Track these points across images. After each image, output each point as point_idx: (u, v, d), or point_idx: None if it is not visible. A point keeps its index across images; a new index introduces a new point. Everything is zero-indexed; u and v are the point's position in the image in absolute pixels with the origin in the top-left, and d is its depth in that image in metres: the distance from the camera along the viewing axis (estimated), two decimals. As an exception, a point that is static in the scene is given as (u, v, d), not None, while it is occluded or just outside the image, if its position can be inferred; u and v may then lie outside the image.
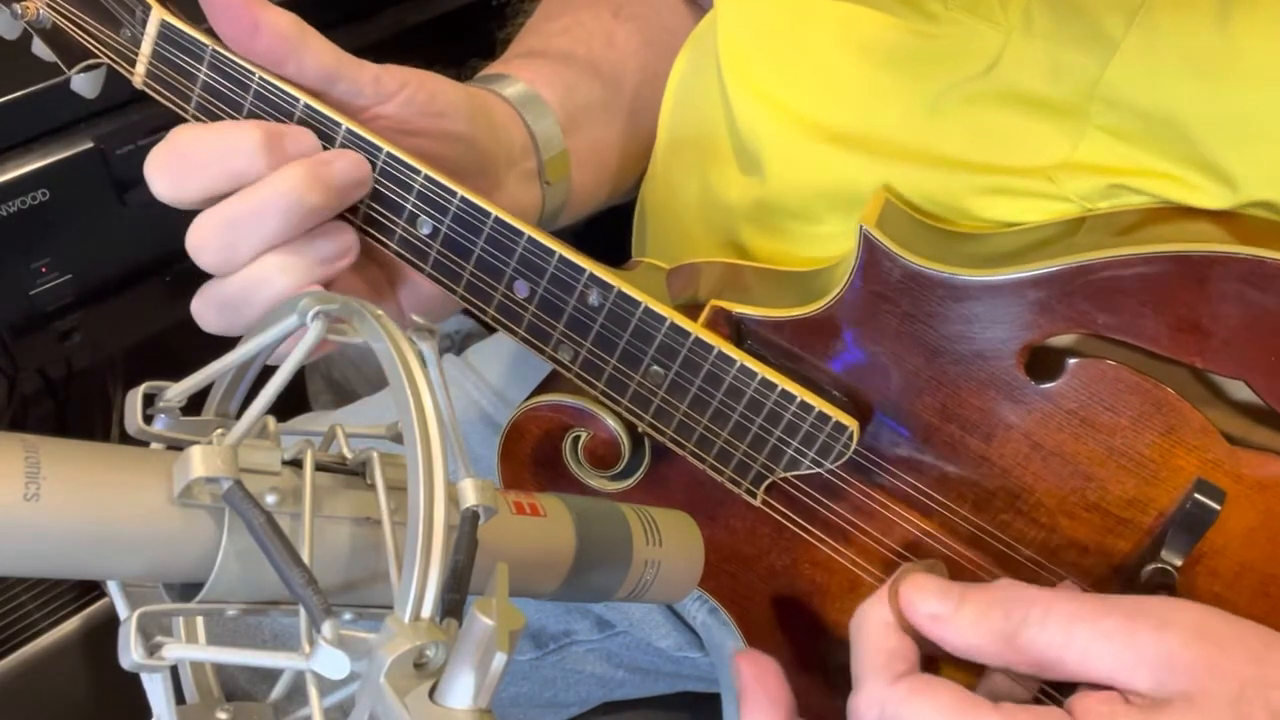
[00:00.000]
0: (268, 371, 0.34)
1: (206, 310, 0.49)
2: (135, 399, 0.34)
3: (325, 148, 0.50)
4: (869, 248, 0.49)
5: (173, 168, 0.47)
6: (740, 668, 0.44)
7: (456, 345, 0.99)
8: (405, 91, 0.51)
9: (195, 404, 0.36)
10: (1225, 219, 0.48)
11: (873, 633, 0.41)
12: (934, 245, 0.50)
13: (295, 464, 0.33)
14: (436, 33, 0.92)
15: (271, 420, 0.35)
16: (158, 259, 0.77)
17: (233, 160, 0.46)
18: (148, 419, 0.34)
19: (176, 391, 0.34)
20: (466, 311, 0.55)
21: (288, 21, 0.48)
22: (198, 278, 0.50)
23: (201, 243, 0.47)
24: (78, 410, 0.91)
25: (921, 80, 0.52)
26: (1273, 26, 0.45)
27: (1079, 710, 0.37)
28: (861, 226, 0.49)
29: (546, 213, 0.61)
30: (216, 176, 0.47)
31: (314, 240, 0.48)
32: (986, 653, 0.40)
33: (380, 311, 0.34)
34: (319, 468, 0.34)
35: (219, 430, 0.33)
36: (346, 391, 1.08)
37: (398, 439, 0.33)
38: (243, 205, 0.46)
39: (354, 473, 0.35)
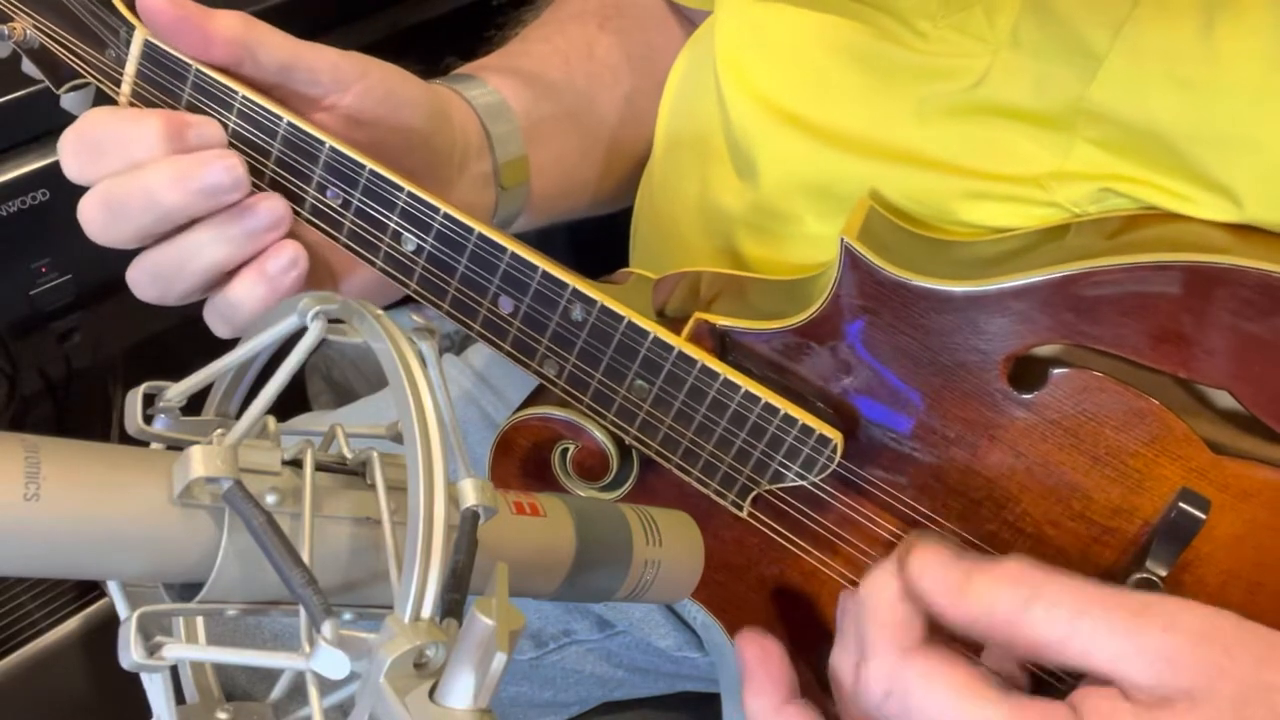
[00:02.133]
0: (268, 371, 0.34)
1: (141, 277, 0.50)
2: (135, 399, 0.34)
3: (266, 144, 0.50)
4: (850, 259, 0.49)
5: (80, 152, 0.48)
6: (744, 648, 0.44)
7: (456, 345, 0.99)
8: (364, 82, 0.51)
9: (195, 404, 0.36)
10: (1214, 225, 0.48)
11: (882, 602, 0.40)
12: (918, 254, 0.50)
13: (295, 464, 0.33)
14: (435, 33, 0.92)
15: (271, 420, 0.35)
16: (158, 259, 0.77)
17: (132, 148, 0.47)
18: (148, 419, 0.34)
19: (176, 391, 0.35)
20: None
21: (236, 23, 0.48)
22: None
23: (86, 216, 0.48)
24: (78, 410, 0.91)
25: (909, 89, 0.53)
26: (1256, 40, 0.45)
27: (1083, 707, 0.37)
28: (842, 239, 0.49)
29: (500, 216, 0.61)
30: (116, 163, 0.47)
31: (243, 214, 0.48)
32: (988, 630, 0.39)
33: (380, 311, 0.34)
34: (319, 468, 0.34)
35: (219, 430, 0.33)
36: (346, 391, 1.08)
37: (398, 439, 0.33)
38: (114, 189, 0.47)
39: (354, 473, 0.35)
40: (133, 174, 0.47)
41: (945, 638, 0.40)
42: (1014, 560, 0.40)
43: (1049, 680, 0.48)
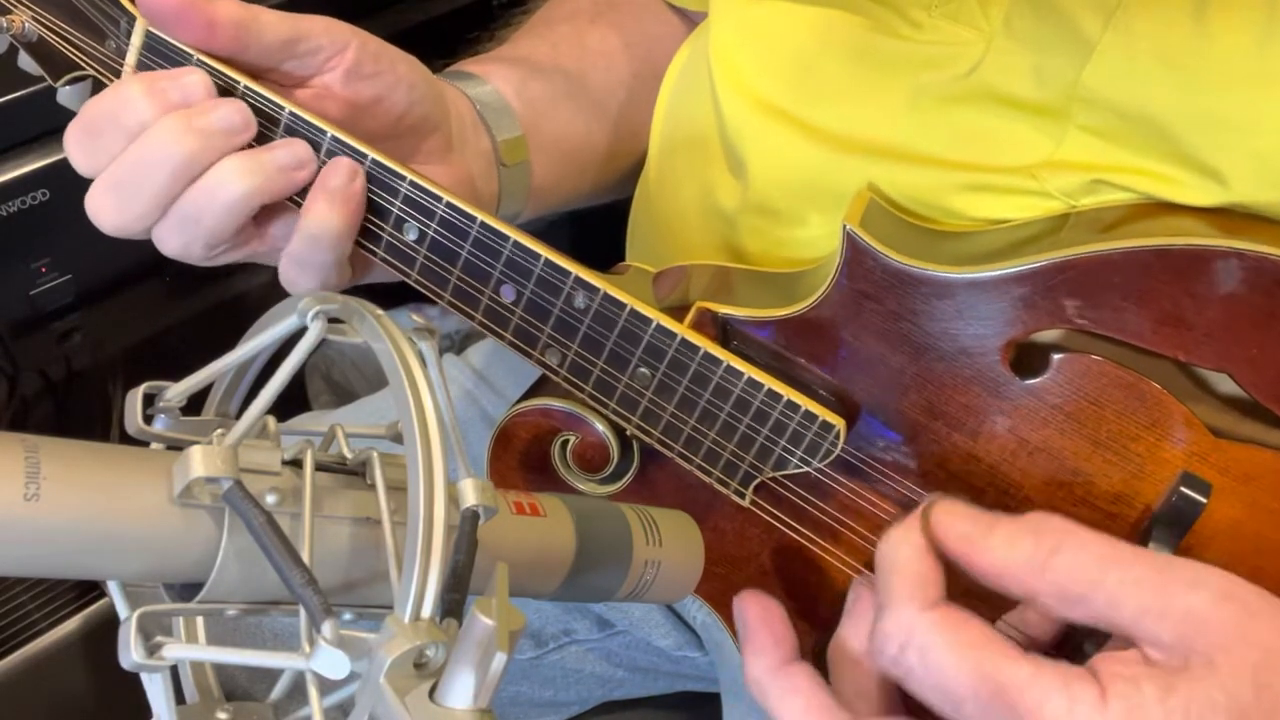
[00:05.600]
0: (268, 371, 0.34)
1: (167, 228, 0.49)
2: (135, 399, 0.34)
3: (268, 131, 0.50)
4: (852, 246, 0.49)
5: (82, 140, 0.48)
6: (745, 608, 0.43)
7: (456, 345, 0.99)
8: (359, 38, 0.52)
9: (195, 404, 0.36)
10: (1208, 214, 0.48)
11: (903, 556, 0.40)
12: (918, 244, 0.50)
13: (295, 464, 0.33)
14: (436, 33, 0.92)
15: (271, 420, 0.35)
16: (158, 259, 0.77)
17: (122, 117, 0.47)
18: (148, 419, 0.35)
19: (176, 391, 0.35)
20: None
21: (236, 8, 0.49)
22: (198, 278, 0.51)
23: (96, 207, 0.48)
24: (78, 410, 0.91)
25: (903, 80, 0.53)
26: (1247, 24, 0.45)
27: (1103, 672, 0.37)
28: (845, 225, 0.49)
29: (506, 197, 0.61)
30: (115, 138, 0.47)
31: (272, 149, 0.49)
32: (1014, 578, 0.38)
33: (380, 311, 0.34)
34: (319, 468, 0.34)
35: (219, 430, 0.33)
36: (346, 391, 1.08)
37: (398, 439, 0.33)
38: (125, 160, 0.47)
39: (354, 473, 0.35)
40: (140, 139, 0.47)
41: (966, 596, 0.40)
42: (1036, 514, 0.39)
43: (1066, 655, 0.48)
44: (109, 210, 0.48)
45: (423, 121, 0.55)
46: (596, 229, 0.73)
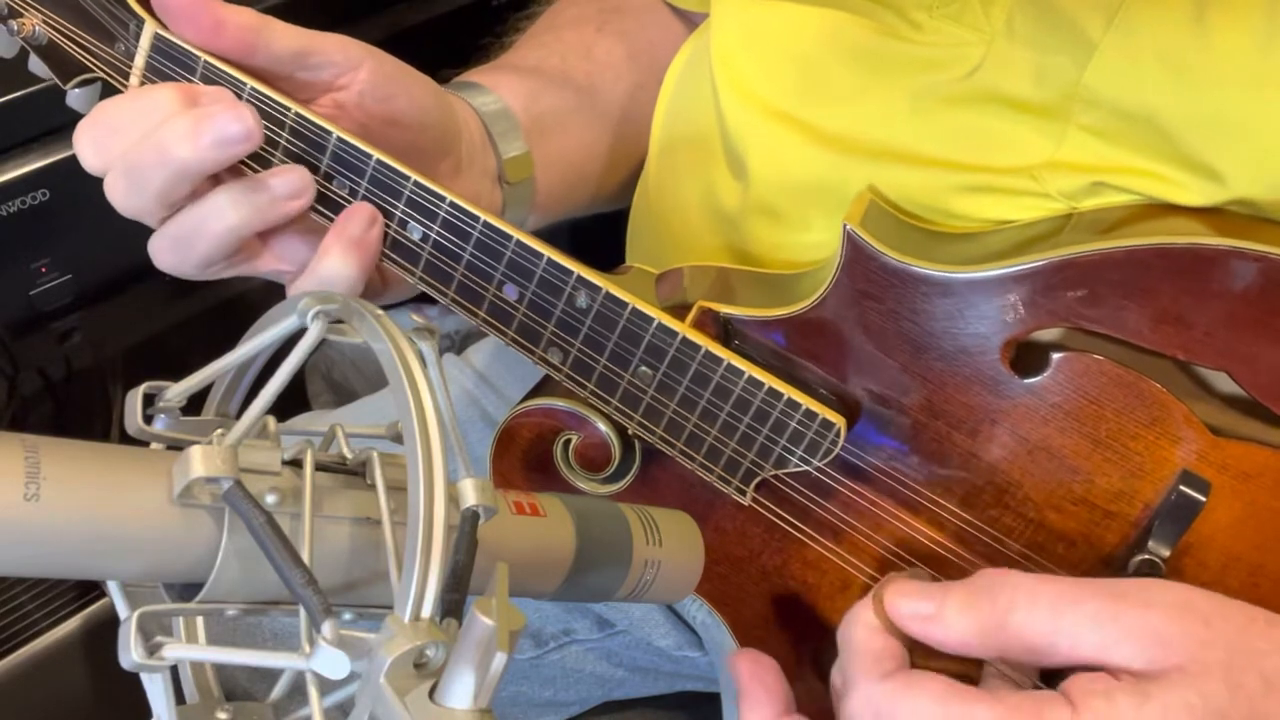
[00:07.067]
0: (268, 371, 0.34)
1: (161, 244, 0.50)
2: (135, 399, 0.34)
3: (274, 134, 0.50)
4: (852, 245, 0.49)
5: (96, 133, 0.48)
6: (738, 666, 0.44)
7: (456, 345, 0.99)
8: (374, 59, 0.52)
9: (195, 404, 0.36)
10: (1208, 215, 0.48)
11: (859, 637, 0.41)
12: (918, 244, 0.51)
13: (295, 464, 0.33)
14: (436, 33, 0.92)
15: (271, 420, 0.35)
16: (158, 259, 0.77)
17: (148, 118, 0.47)
18: (148, 419, 0.35)
19: (176, 391, 0.35)
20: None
21: (248, 14, 0.49)
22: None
23: (109, 187, 0.49)
24: (78, 410, 0.91)
25: (904, 82, 0.53)
26: (1247, 25, 0.45)
27: (1074, 691, 0.37)
28: (845, 225, 0.49)
29: (510, 214, 0.61)
30: (132, 136, 0.47)
31: (267, 179, 0.49)
32: (977, 644, 0.40)
33: (381, 311, 0.34)
34: (319, 468, 0.34)
35: (219, 430, 0.33)
36: (346, 391, 1.08)
37: (398, 439, 0.33)
38: (132, 154, 0.47)
39: (354, 473, 0.35)
40: (148, 136, 0.47)
41: (944, 663, 0.41)
42: (984, 573, 0.40)
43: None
44: (119, 193, 0.48)
45: (435, 145, 0.55)
46: (596, 231, 0.73)
